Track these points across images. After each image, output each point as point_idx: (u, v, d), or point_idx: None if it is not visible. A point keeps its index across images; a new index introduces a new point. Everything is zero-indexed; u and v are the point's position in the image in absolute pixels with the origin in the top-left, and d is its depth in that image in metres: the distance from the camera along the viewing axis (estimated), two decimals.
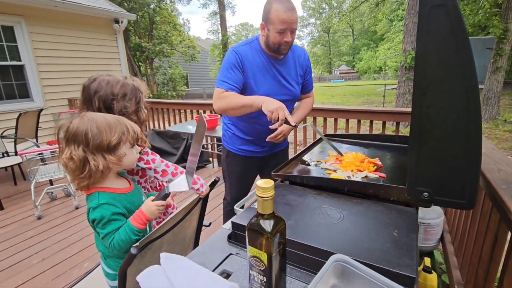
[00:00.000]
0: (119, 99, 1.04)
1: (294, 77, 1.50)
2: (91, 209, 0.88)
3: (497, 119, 7.55)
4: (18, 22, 4.55)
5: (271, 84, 1.44)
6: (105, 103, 1.03)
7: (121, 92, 1.05)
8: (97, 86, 1.03)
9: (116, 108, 1.03)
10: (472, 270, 1.23)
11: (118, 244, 0.86)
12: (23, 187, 3.48)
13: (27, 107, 4.60)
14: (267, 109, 1.19)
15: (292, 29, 1.31)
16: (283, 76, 1.47)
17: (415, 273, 0.57)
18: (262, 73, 1.42)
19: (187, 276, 0.59)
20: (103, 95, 1.03)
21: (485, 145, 1.39)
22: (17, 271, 1.99)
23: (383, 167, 1.11)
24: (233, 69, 1.38)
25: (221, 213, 2.76)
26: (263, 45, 1.42)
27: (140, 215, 0.87)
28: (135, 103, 1.09)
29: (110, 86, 1.04)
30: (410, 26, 7.21)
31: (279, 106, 1.19)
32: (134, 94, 1.09)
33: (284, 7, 1.26)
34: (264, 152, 1.63)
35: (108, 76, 1.06)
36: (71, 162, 0.84)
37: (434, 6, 0.64)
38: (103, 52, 5.84)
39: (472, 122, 0.67)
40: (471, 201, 0.72)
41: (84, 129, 0.85)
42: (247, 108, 1.30)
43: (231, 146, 1.65)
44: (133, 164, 0.98)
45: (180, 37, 16.85)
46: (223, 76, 1.39)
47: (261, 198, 0.50)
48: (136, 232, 0.87)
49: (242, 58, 1.38)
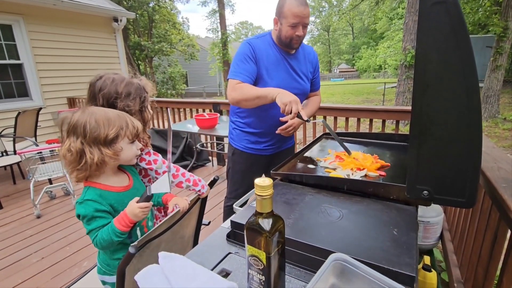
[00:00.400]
0: (122, 98, 1.04)
1: (304, 73, 1.54)
2: (77, 203, 0.89)
3: (496, 118, 7.56)
4: (16, 20, 4.53)
5: (283, 77, 1.46)
6: (109, 101, 1.04)
7: (125, 90, 1.05)
8: (102, 84, 1.04)
9: (119, 106, 1.04)
10: (472, 268, 1.23)
11: (100, 242, 0.86)
12: (22, 186, 3.47)
13: (26, 106, 4.58)
14: (281, 101, 1.20)
15: (304, 24, 1.35)
16: (295, 70, 1.50)
17: (415, 272, 0.57)
18: (274, 65, 1.45)
19: (186, 275, 0.59)
20: (106, 93, 1.03)
21: (485, 143, 1.39)
22: (16, 270, 1.99)
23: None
24: (247, 60, 1.40)
25: (220, 212, 2.76)
26: (275, 40, 1.46)
27: (124, 217, 0.86)
28: (139, 103, 1.09)
29: (115, 84, 1.04)
30: (410, 24, 7.20)
31: (293, 99, 1.19)
32: (138, 93, 1.08)
33: (297, 2, 1.31)
34: (270, 150, 1.64)
35: (114, 75, 1.07)
36: (69, 153, 0.86)
37: (435, 3, 0.64)
38: (102, 51, 5.82)
39: (472, 120, 0.66)
40: (471, 199, 0.72)
41: (83, 121, 0.86)
42: (261, 99, 1.31)
43: (238, 144, 1.65)
44: (131, 159, 0.98)
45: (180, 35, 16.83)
46: (238, 67, 1.41)
47: (259, 197, 0.50)
48: (119, 234, 0.85)
49: (255, 50, 1.41)
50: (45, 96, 5.02)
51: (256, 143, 1.61)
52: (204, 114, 3.32)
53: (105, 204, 0.89)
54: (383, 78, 26.13)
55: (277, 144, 1.64)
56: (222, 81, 18.80)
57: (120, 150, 0.91)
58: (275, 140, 1.62)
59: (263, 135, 1.59)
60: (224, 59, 15.70)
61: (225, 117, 3.84)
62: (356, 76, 36.09)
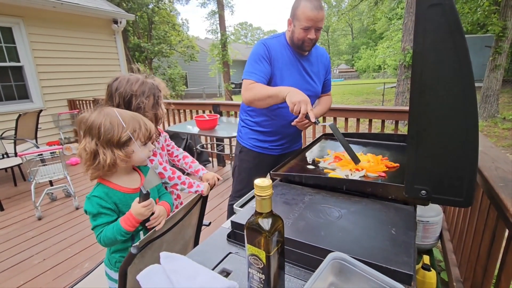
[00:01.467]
0: (137, 96, 1.10)
1: (317, 74, 1.55)
2: (86, 198, 0.93)
3: (496, 117, 7.56)
4: (16, 23, 4.55)
5: (296, 79, 1.47)
6: (125, 99, 1.09)
7: (140, 89, 1.11)
8: (118, 84, 1.10)
9: (134, 103, 1.10)
10: (471, 267, 1.23)
11: (104, 240, 0.89)
12: (23, 188, 3.48)
13: (26, 108, 4.60)
14: (291, 101, 1.19)
15: (317, 27, 1.35)
16: (307, 72, 1.51)
17: (413, 270, 0.58)
18: (287, 66, 1.46)
19: (187, 274, 0.60)
20: (122, 92, 1.09)
21: (484, 143, 1.40)
22: (19, 271, 2.00)
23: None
24: (261, 60, 1.41)
25: (220, 212, 2.77)
26: (288, 41, 1.47)
27: (130, 217, 0.88)
28: (153, 101, 1.15)
29: (130, 84, 1.10)
30: (409, 25, 7.22)
31: (303, 99, 1.18)
32: (152, 92, 1.14)
33: (311, 5, 1.30)
34: (278, 149, 1.64)
35: (129, 76, 1.13)
36: (84, 152, 0.90)
37: (431, 5, 0.65)
38: (102, 53, 5.83)
39: (468, 120, 0.67)
40: (469, 198, 0.73)
41: (99, 123, 0.90)
42: (273, 98, 1.30)
43: (246, 142, 1.66)
44: (143, 161, 1.00)
45: (179, 37, 16.85)
46: (252, 67, 1.41)
47: (259, 197, 0.51)
48: (123, 233, 0.88)
49: (270, 50, 1.42)
50: (46, 98, 5.03)
51: (264, 142, 1.62)
52: (204, 115, 3.33)
53: (109, 202, 0.92)
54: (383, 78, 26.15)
55: (285, 145, 1.65)
56: (222, 82, 18.80)
57: (132, 152, 0.94)
58: (284, 141, 1.63)
59: (272, 134, 1.60)
60: (223, 60, 15.71)
61: (225, 118, 3.85)
62: (356, 77, 36.11)
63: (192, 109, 4.20)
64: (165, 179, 1.19)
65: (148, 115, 1.11)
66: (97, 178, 0.95)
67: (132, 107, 1.09)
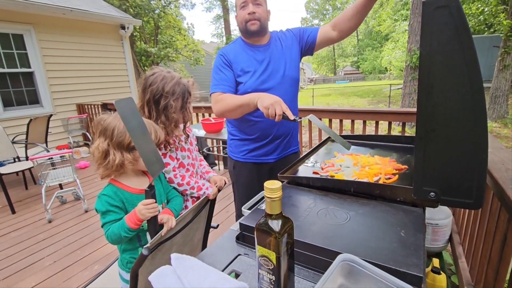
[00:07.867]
0: (167, 97, 1.12)
1: (286, 59, 1.46)
2: (97, 197, 0.97)
3: (505, 118, 7.43)
4: (27, 30, 4.67)
5: (260, 72, 1.42)
6: (154, 97, 1.12)
7: (171, 90, 1.13)
8: (153, 79, 1.13)
9: (162, 103, 1.12)
10: (482, 270, 1.21)
11: (111, 236, 0.93)
12: (34, 191, 3.55)
13: (37, 113, 4.70)
14: (262, 106, 1.15)
15: (252, 1, 1.35)
16: (273, 60, 1.44)
17: (423, 272, 0.58)
18: (248, 62, 1.42)
19: (198, 275, 0.61)
20: (155, 88, 1.12)
21: (493, 144, 1.38)
22: (30, 273, 2.04)
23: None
24: (221, 69, 1.41)
25: (227, 215, 2.78)
26: (242, 35, 1.46)
27: (133, 215, 0.92)
28: (181, 103, 1.17)
29: (164, 82, 1.12)
30: (415, 26, 7.17)
31: (274, 100, 1.13)
32: (181, 94, 1.16)
33: None
34: (272, 156, 1.54)
35: (166, 73, 1.16)
36: (97, 151, 0.96)
37: (438, 7, 0.65)
38: (110, 58, 5.94)
39: (477, 121, 0.67)
40: (479, 200, 0.72)
41: (113, 126, 0.95)
42: (244, 107, 1.28)
43: (237, 155, 1.57)
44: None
45: (185, 41, 17.01)
46: (215, 80, 1.42)
47: (269, 199, 0.51)
48: (127, 230, 0.91)
49: (227, 55, 1.42)
50: (55, 103, 5.14)
51: (256, 150, 1.52)
52: (210, 118, 3.36)
53: (117, 200, 0.96)
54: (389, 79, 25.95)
55: (279, 148, 1.54)
56: None
57: (139, 157, 0.97)
58: (277, 142, 1.52)
59: (261, 139, 1.50)
60: None
61: None
62: (361, 78, 35.89)
63: (198, 112, 4.23)
64: (174, 184, 1.21)
65: (175, 116, 1.14)
66: (107, 177, 1.00)
67: (160, 106, 1.12)
